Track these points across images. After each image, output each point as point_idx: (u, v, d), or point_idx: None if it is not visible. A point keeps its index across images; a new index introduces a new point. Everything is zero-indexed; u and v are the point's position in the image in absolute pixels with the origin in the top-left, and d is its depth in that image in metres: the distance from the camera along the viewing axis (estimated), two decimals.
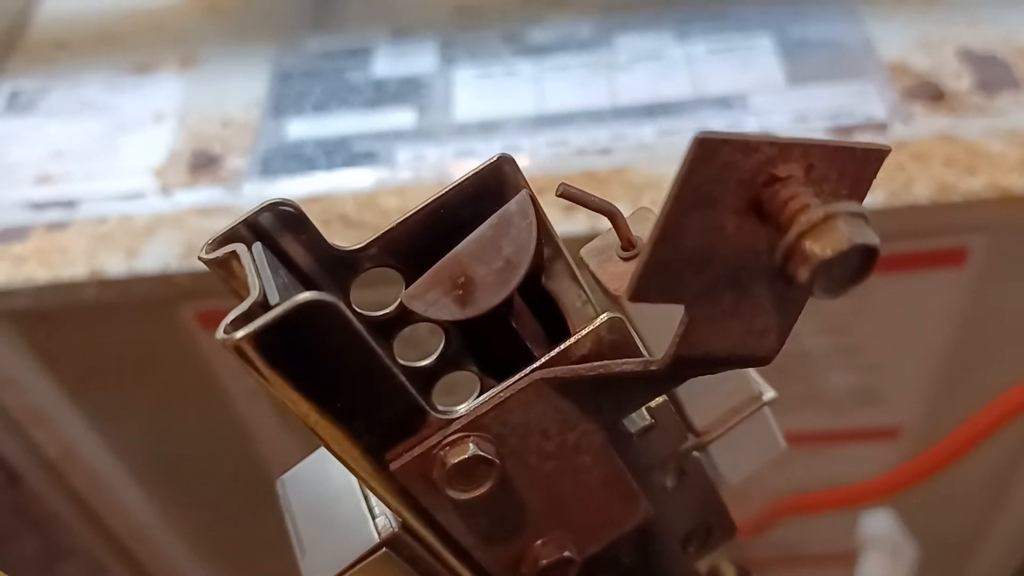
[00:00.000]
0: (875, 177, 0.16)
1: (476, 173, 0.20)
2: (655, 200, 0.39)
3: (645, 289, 0.15)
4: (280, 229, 0.19)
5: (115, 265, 0.39)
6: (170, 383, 0.47)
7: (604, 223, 0.38)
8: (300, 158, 0.43)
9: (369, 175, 0.42)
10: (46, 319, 0.42)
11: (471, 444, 0.17)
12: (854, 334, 0.45)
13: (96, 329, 0.43)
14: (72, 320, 0.42)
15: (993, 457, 0.48)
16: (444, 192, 0.20)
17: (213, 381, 0.45)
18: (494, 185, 0.20)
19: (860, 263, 0.14)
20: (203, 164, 0.43)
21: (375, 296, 0.21)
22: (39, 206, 0.42)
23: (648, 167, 0.40)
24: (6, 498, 0.50)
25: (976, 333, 0.45)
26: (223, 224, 0.39)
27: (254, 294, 0.16)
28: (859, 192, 0.16)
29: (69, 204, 0.42)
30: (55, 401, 0.45)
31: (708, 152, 0.14)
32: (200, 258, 0.18)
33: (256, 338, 0.15)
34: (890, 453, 0.51)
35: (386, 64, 0.47)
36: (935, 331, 0.45)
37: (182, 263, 0.39)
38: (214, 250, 0.18)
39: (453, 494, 0.18)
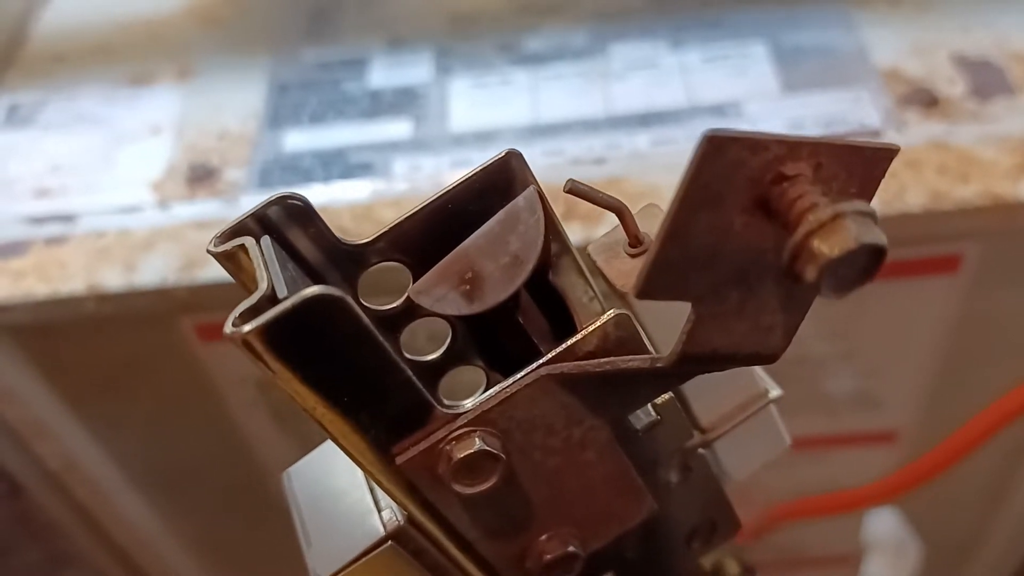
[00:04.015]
0: (884, 176, 0.16)
1: (484, 168, 0.20)
2: None
3: (652, 287, 0.15)
4: (288, 222, 0.19)
5: (113, 279, 0.39)
6: (170, 394, 0.47)
7: (598, 231, 0.38)
8: (297, 170, 0.43)
9: (366, 186, 0.42)
10: (46, 333, 0.42)
11: (477, 439, 0.18)
12: (850, 339, 0.45)
13: (96, 342, 0.43)
14: (72, 334, 0.43)
15: (991, 459, 0.48)
16: (452, 187, 0.20)
17: (212, 392, 0.45)
18: (502, 180, 0.20)
19: (868, 262, 0.14)
20: (200, 177, 0.43)
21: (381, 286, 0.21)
22: (38, 220, 0.42)
23: (642, 176, 0.40)
24: (9, 509, 0.50)
25: (971, 338, 0.45)
26: None
27: (262, 287, 0.16)
28: (868, 191, 0.16)
29: (67, 218, 0.42)
30: (56, 413, 0.46)
31: (717, 150, 0.14)
32: (209, 251, 0.18)
33: (264, 332, 0.15)
34: (888, 457, 0.51)
35: (382, 74, 0.47)
36: (930, 337, 0.45)
37: (180, 276, 0.39)
38: (223, 243, 0.18)
39: (459, 488, 0.18)
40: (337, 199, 0.41)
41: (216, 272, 0.39)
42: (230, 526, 0.54)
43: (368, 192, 0.42)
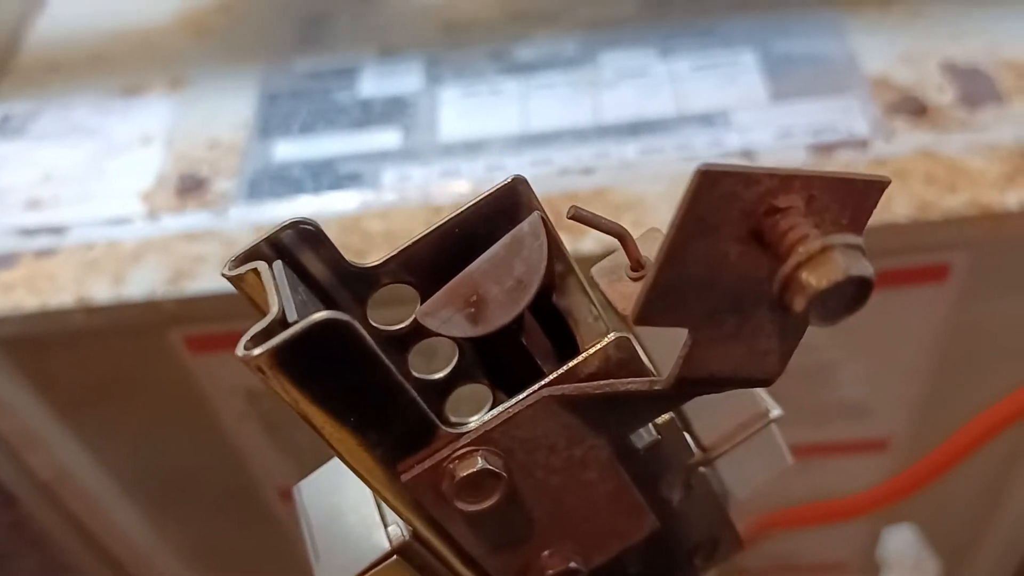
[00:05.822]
0: (875, 207, 0.16)
1: (491, 194, 0.20)
2: (635, 220, 0.39)
3: (650, 313, 0.16)
4: (300, 246, 0.20)
5: (102, 292, 0.39)
6: (160, 405, 0.47)
7: (589, 239, 0.38)
8: (287, 180, 0.43)
9: (354, 197, 0.42)
10: (36, 345, 0.42)
11: (479, 458, 0.18)
12: (841, 349, 0.45)
13: (86, 354, 0.43)
14: (62, 345, 0.43)
15: (987, 465, 0.48)
16: (460, 212, 0.20)
17: (203, 403, 0.45)
18: (508, 205, 0.20)
19: (855, 294, 0.14)
20: (190, 188, 0.43)
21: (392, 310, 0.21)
22: (28, 232, 0.43)
23: (629, 186, 0.40)
24: (1, 519, 0.50)
25: (960, 347, 0.45)
26: (209, 250, 0.40)
27: (273, 311, 0.17)
28: (859, 223, 0.16)
29: (57, 230, 0.42)
30: (47, 424, 0.46)
31: (711, 183, 0.14)
32: (223, 274, 0.19)
33: (274, 355, 0.16)
34: (879, 465, 0.51)
35: (372, 84, 0.47)
36: (920, 346, 0.45)
37: (168, 289, 0.39)
38: (236, 267, 0.19)
39: (462, 506, 0.18)
40: (325, 210, 0.41)
41: (205, 284, 0.39)
42: (221, 535, 0.54)
43: (356, 203, 0.42)
